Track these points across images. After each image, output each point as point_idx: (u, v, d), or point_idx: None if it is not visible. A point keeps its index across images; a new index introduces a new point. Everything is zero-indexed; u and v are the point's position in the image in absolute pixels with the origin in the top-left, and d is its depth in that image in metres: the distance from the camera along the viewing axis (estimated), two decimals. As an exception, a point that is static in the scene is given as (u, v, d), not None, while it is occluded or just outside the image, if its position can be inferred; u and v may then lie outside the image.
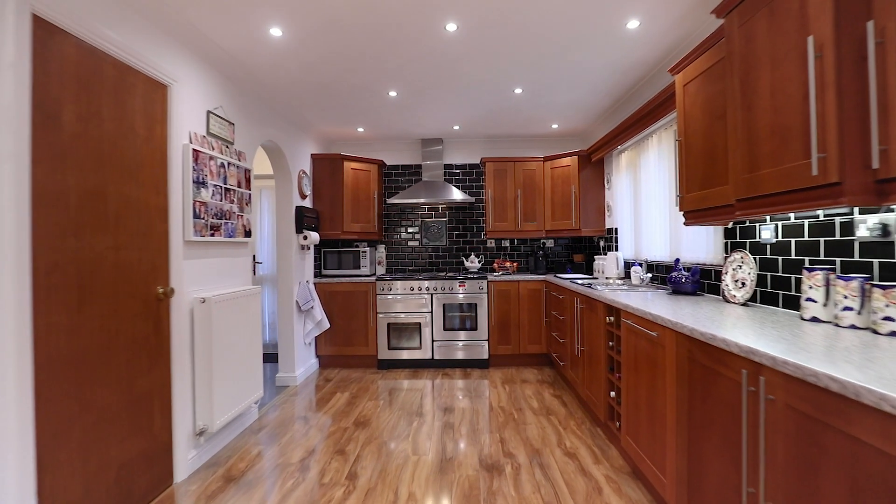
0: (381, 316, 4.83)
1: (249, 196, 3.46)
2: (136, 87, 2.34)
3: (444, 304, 4.79)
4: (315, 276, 5.05)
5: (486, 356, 4.77)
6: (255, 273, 5.63)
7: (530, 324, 4.79)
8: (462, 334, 4.78)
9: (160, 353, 2.50)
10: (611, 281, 4.03)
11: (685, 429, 1.89)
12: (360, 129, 4.92)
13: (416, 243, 5.49)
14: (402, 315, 4.82)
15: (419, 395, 3.98)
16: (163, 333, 2.52)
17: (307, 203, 4.79)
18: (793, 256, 2.14)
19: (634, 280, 3.65)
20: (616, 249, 4.48)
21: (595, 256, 4.74)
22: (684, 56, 2.47)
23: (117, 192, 2.20)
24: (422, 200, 4.96)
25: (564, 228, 4.88)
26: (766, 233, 2.30)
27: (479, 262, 5.37)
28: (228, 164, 3.16)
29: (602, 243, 4.84)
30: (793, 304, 2.13)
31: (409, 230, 5.50)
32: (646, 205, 3.80)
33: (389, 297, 4.82)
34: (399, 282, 4.83)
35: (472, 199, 4.94)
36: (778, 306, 2.23)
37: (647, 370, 2.25)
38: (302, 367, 4.57)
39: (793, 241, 2.14)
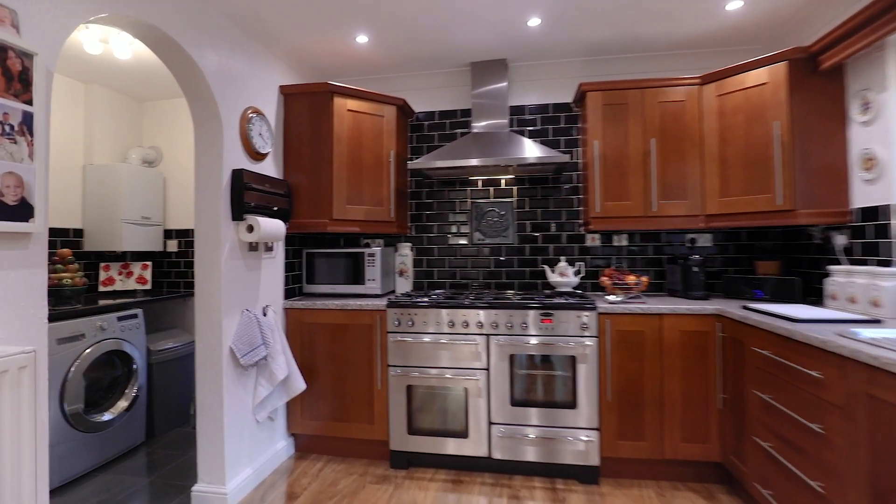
0: (395, 372, 2.65)
1: (27, 118, 1.39)
2: None
3: (511, 356, 2.53)
4: (289, 295, 2.97)
5: (594, 460, 2.45)
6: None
7: (686, 401, 2.41)
8: (545, 414, 2.50)
9: None
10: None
11: None
12: (363, 40, 2.77)
13: (464, 241, 3.27)
14: (435, 372, 2.61)
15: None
16: None
17: (266, 168, 2.71)
18: None
19: None
20: (890, 252, 2.01)
21: (828, 267, 2.28)
22: None
23: None
24: (472, 163, 2.73)
25: (753, 210, 2.46)
26: None
27: (577, 273, 3.04)
28: None
29: (839, 240, 2.36)
30: None
31: (452, 218, 3.28)
32: None
33: (411, 338, 2.63)
34: (428, 310, 2.63)
35: (565, 158, 2.65)
36: None
37: None
38: (247, 469, 2.48)
39: None
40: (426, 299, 2.68)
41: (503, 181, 3.21)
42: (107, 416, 2.79)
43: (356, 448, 2.81)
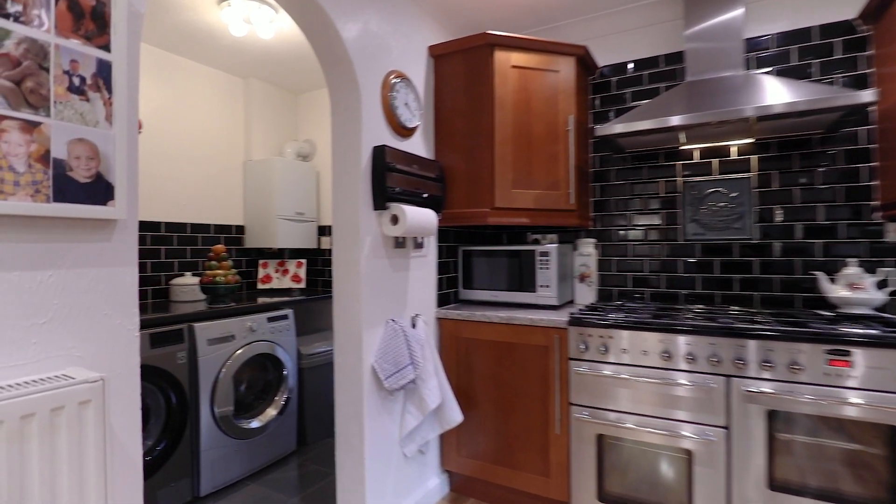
0: (581, 414, 1.94)
1: (102, 68, 1.02)
2: None
3: (770, 413, 1.63)
4: (443, 302, 2.45)
5: None
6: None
7: None
8: (835, 511, 1.55)
9: None
10: None
11: None
12: (534, -30, 2.11)
13: (672, 235, 2.39)
14: (640, 421, 1.82)
15: None
16: None
17: (414, 146, 2.21)
18: None
19: None
20: None
21: None
22: None
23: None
24: (676, 121, 1.88)
25: None
26: None
27: (881, 285, 1.93)
28: None
29: None
30: None
31: (653, 205, 2.43)
32: None
33: (605, 369, 1.89)
34: (629, 332, 1.86)
35: (858, 98, 1.63)
36: None
37: None
38: (392, 518, 2.01)
39: None
40: (623, 316, 1.91)
41: (734, 149, 2.25)
42: (255, 424, 2.60)
43: (525, 502, 2.16)
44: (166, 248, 2.89)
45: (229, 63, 3.11)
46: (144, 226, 2.79)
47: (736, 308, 2.11)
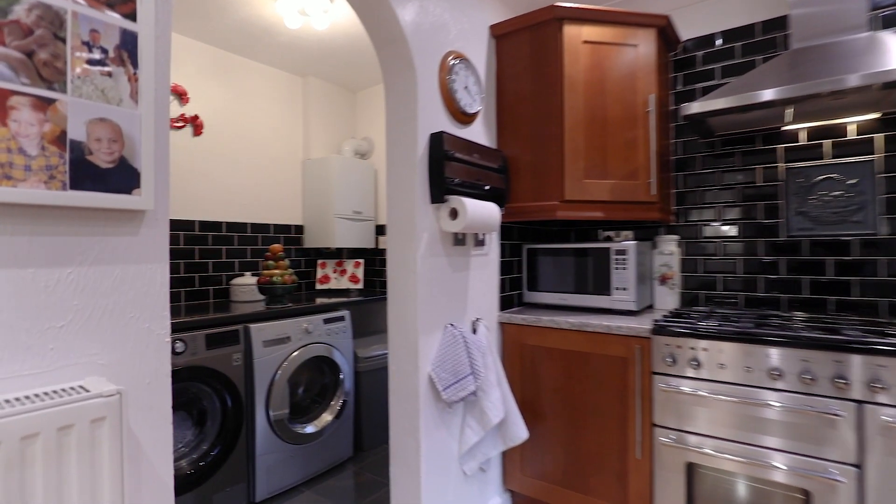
0: (667, 438, 1.67)
1: (127, 39, 0.91)
2: None
3: (920, 450, 1.31)
4: (506, 305, 2.24)
5: None
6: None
7: None
8: None
9: None
10: None
11: None
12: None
13: (769, 232, 2.05)
14: (740, 451, 1.53)
15: None
16: None
17: (474, 134, 2.02)
18: None
19: None
20: None
21: None
22: None
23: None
24: (775, 93, 1.56)
25: None
26: None
27: None
28: None
29: None
30: None
31: (747, 195, 2.10)
32: None
33: (695, 387, 1.62)
34: (726, 344, 1.57)
35: None
36: None
37: None
38: (449, 542, 1.84)
39: None
40: (717, 324, 1.62)
41: (852, 127, 1.89)
42: (310, 429, 2.52)
43: (597, 533, 1.92)
44: (227, 248, 2.90)
45: (287, 61, 3.08)
46: (205, 226, 2.80)
47: (857, 317, 1.75)
